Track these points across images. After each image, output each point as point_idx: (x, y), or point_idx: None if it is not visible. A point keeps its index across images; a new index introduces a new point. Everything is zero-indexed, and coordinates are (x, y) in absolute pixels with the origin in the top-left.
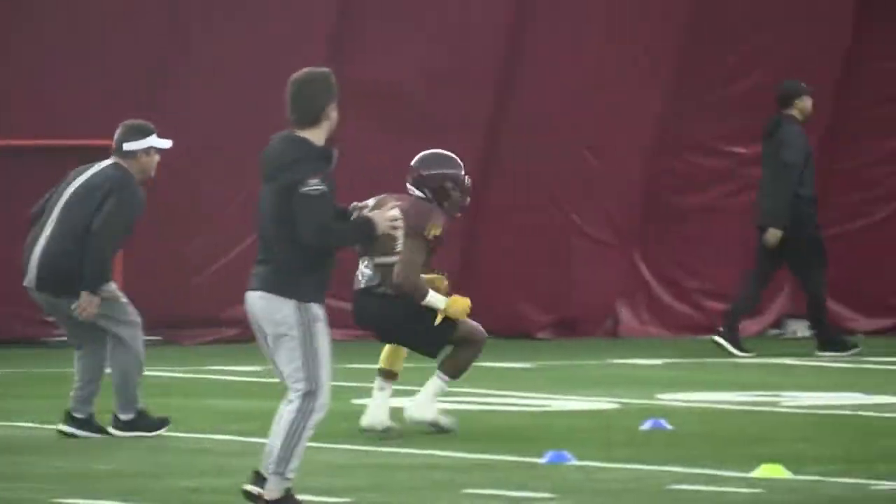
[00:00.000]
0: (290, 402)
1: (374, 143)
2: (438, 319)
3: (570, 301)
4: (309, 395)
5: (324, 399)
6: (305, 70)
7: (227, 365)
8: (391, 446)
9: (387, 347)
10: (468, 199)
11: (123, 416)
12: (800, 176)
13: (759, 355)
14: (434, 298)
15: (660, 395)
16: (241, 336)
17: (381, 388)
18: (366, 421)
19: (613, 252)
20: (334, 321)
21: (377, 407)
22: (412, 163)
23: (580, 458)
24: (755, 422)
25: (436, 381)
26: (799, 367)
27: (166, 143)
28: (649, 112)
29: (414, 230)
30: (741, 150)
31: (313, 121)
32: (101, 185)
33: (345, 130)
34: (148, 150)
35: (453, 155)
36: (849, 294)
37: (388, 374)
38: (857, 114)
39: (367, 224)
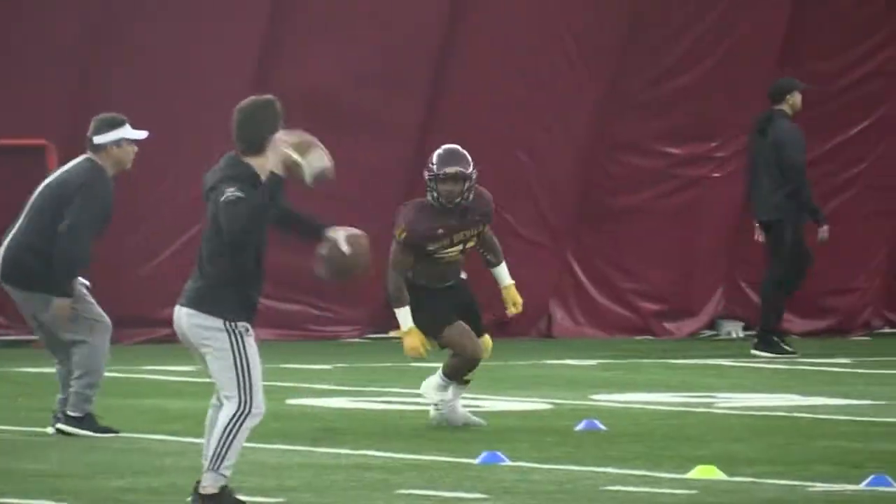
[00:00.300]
0: (223, 406)
1: None
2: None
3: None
4: (242, 405)
5: (258, 409)
6: (250, 99)
7: (162, 365)
8: (325, 447)
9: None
10: (454, 193)
11: (73, 413)
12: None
13: (692, 356)
14: (401, 315)
15: (594, 396)
16: (175, 336)
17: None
18: (424, 388)
19: (547, 253)
20: (270, 321)
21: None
22: None
23: (514, 458)
24: (690, 423)
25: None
26: (733, 368)
27: (140, 134)
28: (583, 112)
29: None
30: (675, 150)
31: (258, 149)
32: (70, 182)
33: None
34: (119, 143)
35: (456, 150)
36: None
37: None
38: None
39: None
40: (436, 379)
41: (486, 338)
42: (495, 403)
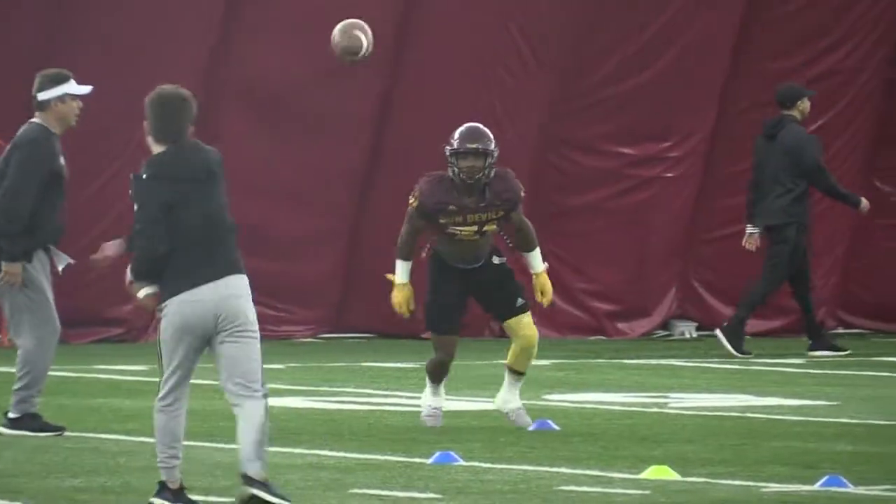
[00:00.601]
0: (260, 399)
1: (259, 140)
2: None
3: None
4: (265, 390)
5: None
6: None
7: (114, 364)
8: (279, 446)
9: (513, 347)
10: (475, 169)
11: (12, 414)
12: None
13: (646, 356)
14: (399, 266)
15: (547, 396)
16: (127, 335)
17: (510, 382)
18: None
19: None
20: None
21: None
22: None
23: (467, 458)
24: (643, 423)
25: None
26: (686, 368)
27: (84, 90)
28: (536, 112)
29: None
30: (628, 150)
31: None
32: (13, 145)
33: (229, 128)
34: (63, 98)
35: (478, 127)
36: (736, 295)
37: (513, 371)
38: (741, 115)
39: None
40: (503, 392)
41: (527, 322)
42: (449, 403)
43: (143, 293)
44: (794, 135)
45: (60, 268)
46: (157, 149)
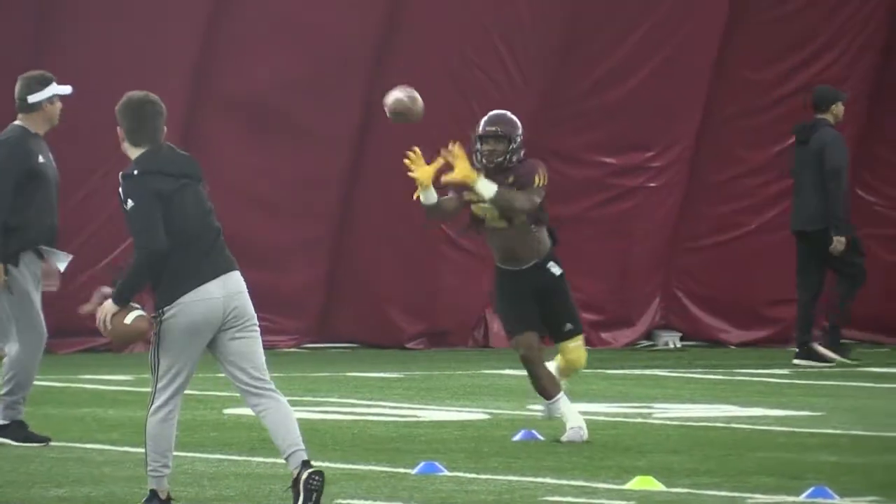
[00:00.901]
0: (278, 399)
1: (242, 150)
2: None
3: (441, 311)
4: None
5: None
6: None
7: (99, 374)
8: (263, 456)
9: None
10: (496, 153)
11: (1, 421)
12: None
13: (630, 367)
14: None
15: (532, 406)
16: (112, 346)
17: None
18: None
19: (484, 263)
20: None
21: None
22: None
23: (452, 468)
24: (627, 433)
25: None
26: (671, 378)
27: (66, 90)
28: (519, 120)
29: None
30: (611, 160)
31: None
32: None
33: (212, 139)
34: (52, 99)
35: (503, 114)
36: (720, 305)
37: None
38: (725, 125)
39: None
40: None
41: (574, 346)
42: (433, 413)
43: (131, 318)
44: (825, 136)
45: (62, 267)
46: (134, 152)
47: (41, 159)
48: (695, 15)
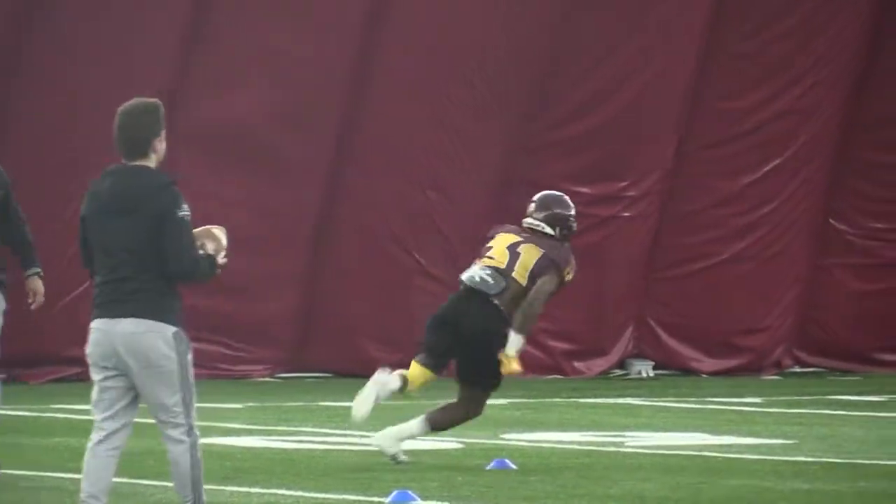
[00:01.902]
0: (180, 442)
1: (216, 182)
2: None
3: (415, 341)
4: (191, 427)
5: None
6: (134, 101)
7: (71, 403)
8: (235, 485)
9: (419, 370)
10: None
11: None
12: None
13: (603, 395)
14: (517, 340)
15: (505, 435)
16: (84, 374)
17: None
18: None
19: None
20: None
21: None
22: (543, 200)
23: (425, 497)
24: (600, 462)
25: (420, 425)
26: (643, 407)
27: None
28: (493, 153)
29: (557, 267)
30: (585, 189)
31: (142, 153)
32: None
33: (185, 169)
34: None
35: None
36: (693, 334)
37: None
38: (697, 155)
39: (211, 260)
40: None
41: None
42: (406, 442)
43: None
44: None
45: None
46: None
47: None
48: (670, 45)
